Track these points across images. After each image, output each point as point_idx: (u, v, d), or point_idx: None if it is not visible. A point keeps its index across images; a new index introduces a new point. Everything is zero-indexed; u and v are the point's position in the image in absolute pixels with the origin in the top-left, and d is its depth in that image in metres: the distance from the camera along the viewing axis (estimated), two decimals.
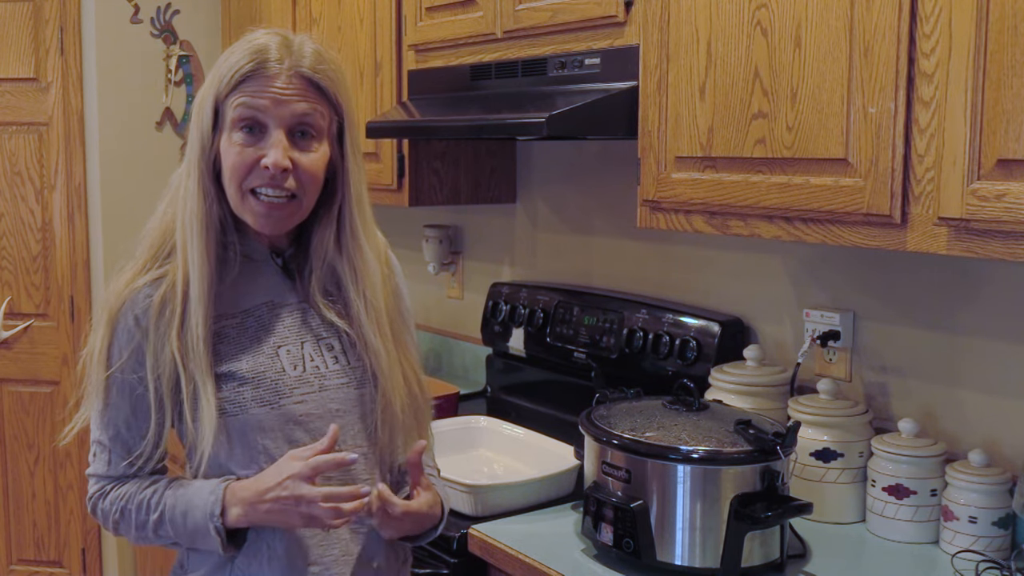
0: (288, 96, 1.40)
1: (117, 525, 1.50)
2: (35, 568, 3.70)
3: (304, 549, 1.47)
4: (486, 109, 2.23)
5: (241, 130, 1.41)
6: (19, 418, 3.64)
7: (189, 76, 3.65)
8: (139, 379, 1.45)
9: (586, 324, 2.48)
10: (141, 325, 1.44)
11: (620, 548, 1.69)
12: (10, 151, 3.53)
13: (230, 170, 1.42)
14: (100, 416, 1.48)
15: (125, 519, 1.49)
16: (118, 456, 1.48)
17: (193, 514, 1.44)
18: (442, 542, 1.91)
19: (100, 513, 1.51)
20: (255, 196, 1.42)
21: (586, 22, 2.05)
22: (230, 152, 1.41)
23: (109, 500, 1.49)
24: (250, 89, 1.40)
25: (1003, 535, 1.73)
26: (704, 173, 1.84)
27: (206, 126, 1.43)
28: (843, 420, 1.90)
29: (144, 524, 1.47)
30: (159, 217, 1.52)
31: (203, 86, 1.45)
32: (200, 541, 1.46)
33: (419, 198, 2.72)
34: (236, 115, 1.41)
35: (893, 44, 1.53)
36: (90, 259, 3.57)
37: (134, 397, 1.45)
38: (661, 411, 1.79)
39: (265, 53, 1.41)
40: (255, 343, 1.47)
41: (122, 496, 1.48)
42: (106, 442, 1.48)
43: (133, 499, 1.48)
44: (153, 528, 1.47)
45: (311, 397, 1.48)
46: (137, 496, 1.48)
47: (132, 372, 1.45)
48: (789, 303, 2.17)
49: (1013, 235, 1.41)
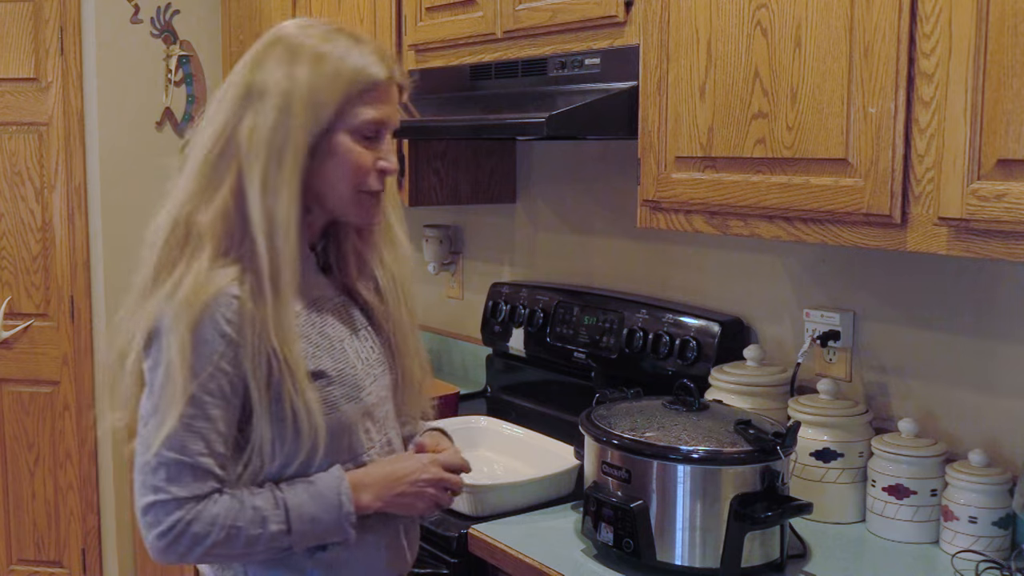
0: (396, 105, 1.49)
1: (214, 547, 1.35)
2: (35, 568, 3.70)
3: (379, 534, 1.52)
4: (486, 109, 2.23)
5: (365, 135, 1.44)
6: (19, 418, 3.64)
7: (189, 76, 3.65)
8: (235, 384, 1.36)
9: (586, 324, 2.48)
10: (233, 326, 1.35)
11: (620, 548, 1.69)
12: (10, 151, 3.53)
13: (352, 170, 1.44)
14: (182, 430, 1.33)
15: (232, 539, 1.36)
16: (205, 471, 1.35)
17: (321, 517, 1.41)
18: (442, 542, 1.91)
19: (188, 539, 1.34)
20: (367, 196, 1.47)
21: (586, 22, 2.05)
22: (351, 153, 1.43)
23: (204, 523, 1.34)
24: (377, 96, 1.44)
25: (1003, 535, 1.73)
26: (704, 173, 1.84)
27: (321, 124, 1.40)
28: (843, 420, 1.90)
29: (257, 539, 1.37)
30: (217, 207, 1.39)
31: (305, 76, 1.39)
32: (325, 540, 1.43)
33: (419, 198, 2.72)
34: (365, 122, 1.43)
35: (893, 44, 1.53)
36: (90, 259, 3.57)
37: (229, 404, 1.36)
38: (661, 411, 1.79)
39: (391, 63, 1.46)
40: (325, 339, 1.47)
41: (224, 515, 1.35)
42: (190, 458, 1.34)
43: (242, 515, 1.36)
44: (268, 540, 1.38)
45: (375, 387, 1.53)
46: (246, 511, 1.37)
47: (226, 377, 1.35)
48: (789, 303, 2.17)
49: (1013, 235, 1.41)
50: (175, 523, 1.34)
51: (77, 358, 3.61)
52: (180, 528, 1.34)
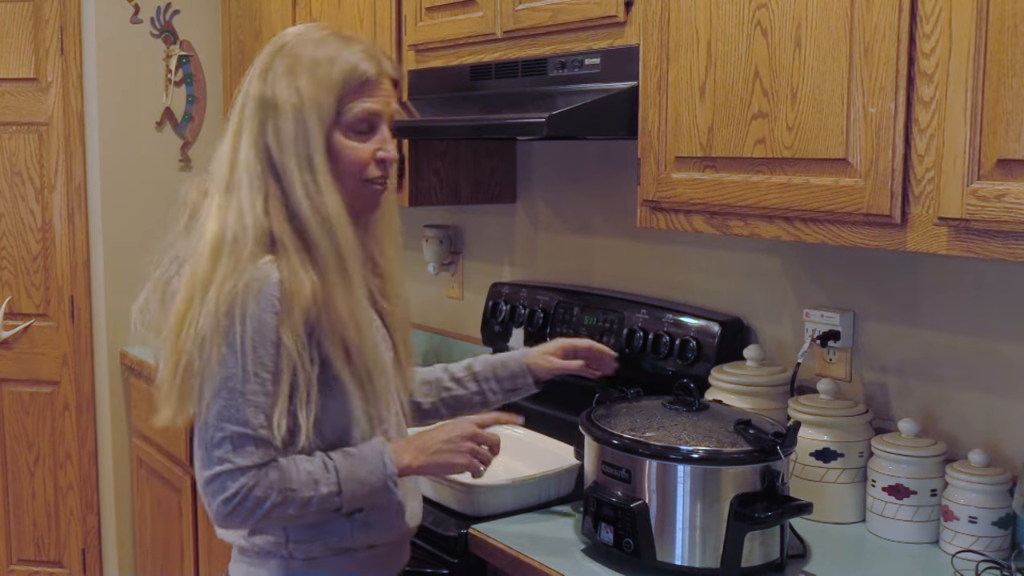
0: (389, 97, 1.58)
1: (272, 510, 1.48)
2: (35, 568, 3.70)
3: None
4: (486, 109, 2.23)
5: (360, 130, 1.55)
6: (19, 418, 3.64)
7: (189, 76, 3.66)
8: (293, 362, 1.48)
9: (586, 324, 2.48)
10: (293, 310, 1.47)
11: (620, 548, 1.69)
12: (10, 151, 3.54)
13: (354, 164, 1.55)
14: (244, 405, 1.46)
15: (288, 501, 1.48)
16: (265, 442, 1.47)
17: (368, 479, 1.53)
18: (442, 542, 1.91)
19: (250, 503, 1.47)
20: (372, 184, 1.58)
21: (586, 22, 2.05)
22: (347, 150, 1.55)
23: (264, 487, 1.47)
24: (368, 93, 1.55)
25: (1003, 535, 1.73)
26: (704, 173, 1.84)
27: (327, 124, 1.52)
28: (843, 420, 1.90)
29: (310, 500, 1.49)
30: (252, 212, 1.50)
31: (306, 86, 1.51)
32: (373, 501, 1.56)
33: (419, 198, 2.72)
34: (358, 116, 1.54)
35: (893, 44, 1.53)
36: (90, 259, 3.58)
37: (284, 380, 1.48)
38: (661, 411, 1.79)
39: (379, 59, 1.57)
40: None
41: (280, 480, 1.48)
42: (252, 430, 1.46)
43: (296, 479, 1.49)
44: (320, 501, 1.50)
45: (387, 363, 1.64)
46: (301, 475, 1.49)
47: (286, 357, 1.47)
48: (789, 303, 2.18)
49: (1013, 235, 1.41)
50: (239, 489, 1.46)
51: (77, 358, 3.61)
52: (243, 494, 1.47)
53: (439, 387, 1.90)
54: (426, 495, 2.02)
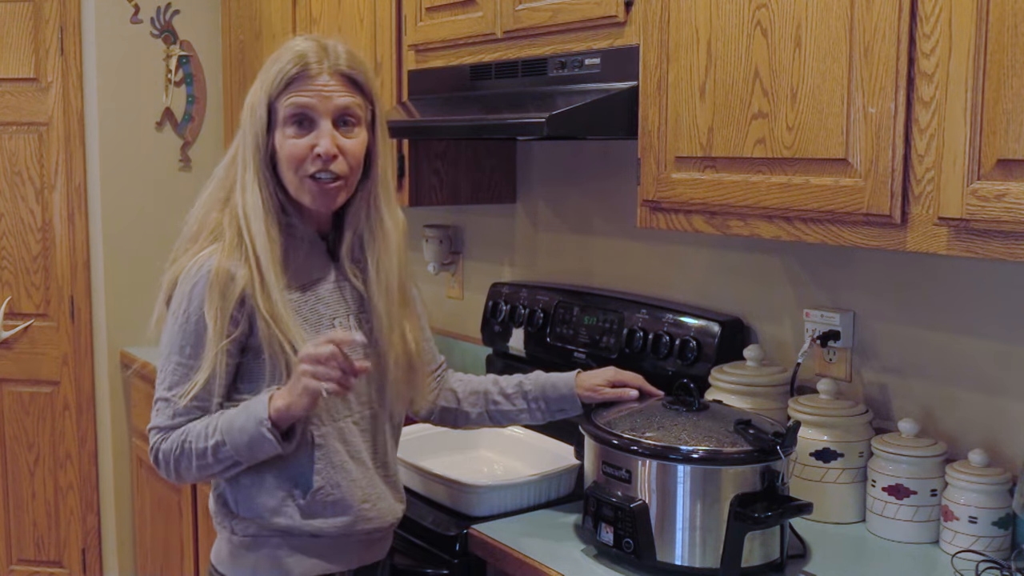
0: (330, 91, 1.63)
1: (178, 462, 1.62)
2: (35, 568, 3.70)
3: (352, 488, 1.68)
4: (486, 109, 2.23)
5: (293, 124, 1.63)
6: (19, 418, 3.64)
7: (189, 76, 3.66)
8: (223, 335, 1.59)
9: (586, 324, 2.48)
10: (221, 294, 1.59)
11: (620, 548, 1.69)
12: (10, 151, 3.54)
13: (288, 160, 1.63)
14: (173, 374, 1.63)
15: (185, 453, 1.61)
16: (187, 409, 1.62)
17: (246, 425, 1.57)
18: (442, 542, 1.91)
19: (162, 456, 1.63)
20: (312, 180, 1.63)
21: (586, 22, 2.05)
22: (286, 145, 1.63)
23: (170, 441, 1.62)
24: (297, 89, 1.62)
25: (1003, 535, 1.73)
26: (704, 173, 1.84)
27: (260, 125, 1.64)
28: (843, 420, 1.90)
29: (204, 452, 1.60)
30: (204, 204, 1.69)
31: (252, 91, 1.66)
32: (258, 449, 1.59)
33: (419, 198, 2.72)
34: (288, 112, 1.62)
35: (893, 44, 1.53)
36: (90, 259, 3.58)
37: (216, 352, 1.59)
38: (661, 411, 1.79)
39: (306, 57, 1.63)
40: (315, 315, 1.68)
41: (180, 434, 1.61)
42: (172, 397, 1.62)
43: (191, 432, 1.61)
44: (212, 452, 1.59)
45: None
46: (195, 429, 1.61)
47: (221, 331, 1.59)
48: (789, 303, 2.17)
49: (1013, 235, 1.41)
50: (154, 443, 1.65)
51: (77, 358, 3.61)
52: (157, 447, 1.64)
53: (487, 400, 1.94)
54: (426, 495, 2.02)
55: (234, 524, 1.69)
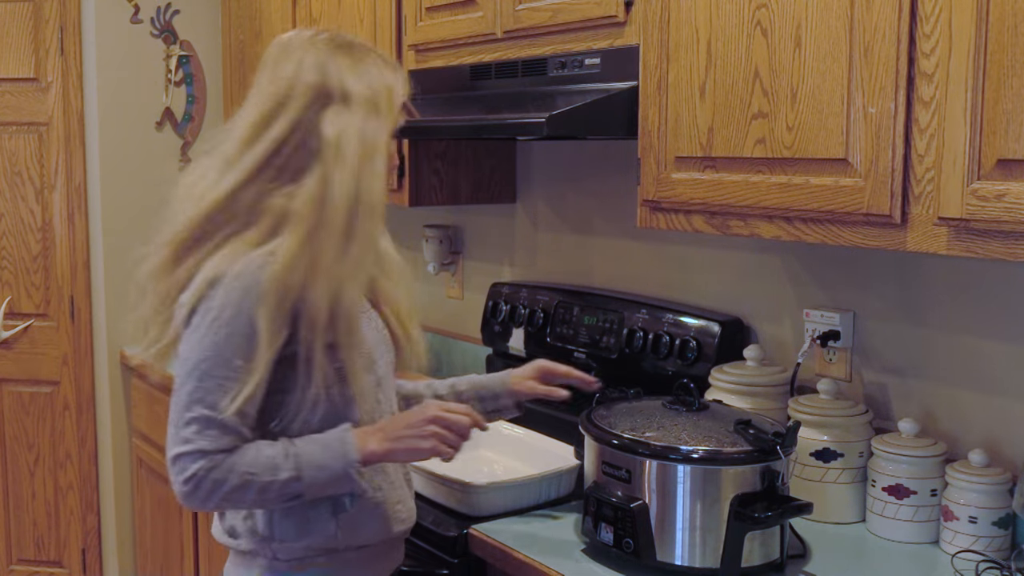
0: None
1: (232, 492, 1.48)
2: (35, 568, 3.70)
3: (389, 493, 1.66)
4: (486, 109, 2.23)
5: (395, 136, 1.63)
6: (19, 418, 3.64)
7: (189, 76, 3.65)
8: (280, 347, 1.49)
9: (586, 324, 2.48)
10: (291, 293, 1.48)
11: (620, 548, 1.69)
12: (10, 151, 3.54)
13: (390, 161, 1.61)
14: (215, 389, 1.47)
15: (247, 485, 1.48)
16: (231, 428, 1.48)
17: (327, 463, 1.52)
18: (442, 542, 1.91)
19: (208, 484, 1.48)
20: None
21: (586, 22, 2.05)
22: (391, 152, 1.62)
23: (224, 470, 1.48)
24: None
25: (1003, 535, 1.73)
26: (704, 173, 1.84)
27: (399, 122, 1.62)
28: (843, 420, 1.90)
29: (269, 486, 1.49)
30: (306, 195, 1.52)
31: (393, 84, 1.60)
32: (334, 487, 1.54)
33: (419, 198, 2.72)
34: (401, 124, 1.63)
35: (893, 44, 1.53)
36: (90, 259, 3.58)
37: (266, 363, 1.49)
38: (661, 411, 1.79)
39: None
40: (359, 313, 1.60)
41: (240, 464, 1.48)
42: (218, 415, 1.47)
43: (256, 463, 1.49)
44: (280, 487, 1.50)
45: (382, 361, 1.68)
46: (259, 461, 1.49)
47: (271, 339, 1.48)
48: (789, 303, 2.17)
49: (1013, 235, 1.41)
50: (198, 471, 1.47)
51: (77, 358, 3.61)
52: (202, 475, 1.47)
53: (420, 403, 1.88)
54: (426, 495, 2.02)
55: (276, 549, 1.59)
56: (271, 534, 1.58)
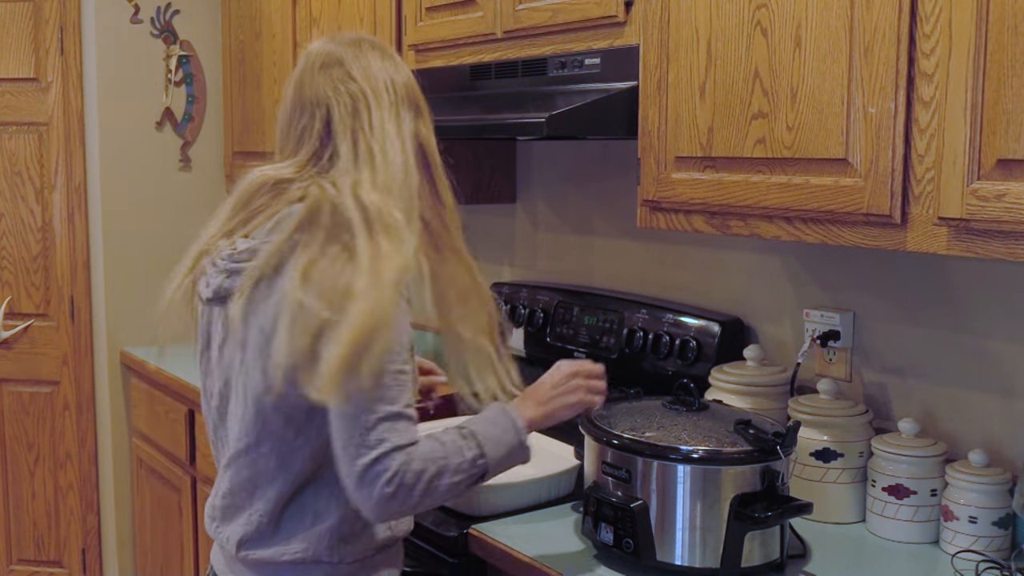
0: None
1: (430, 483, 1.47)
2: (35, 568, 3.70)
3: None
4: (486, 109, 2.23)
5: None
6: (19, 418, 3.64)
7: (189, 76, 3.65)
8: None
9: (586, 324, 2.48)
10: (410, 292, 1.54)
11: (620, 548, 1.69)
12: (10, 151, 3.54)
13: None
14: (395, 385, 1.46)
15: (443, 471, 1.48)
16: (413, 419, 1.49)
17: (503, 437, 1.57)
18: (442, 542, 1.91)
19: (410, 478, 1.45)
20: None
21: (586, 22, 2.05)
22: None
23: (420, 460, 1.46)
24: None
25: (1003, 535, 1.73)
26: (704, 173, 1.84)
27: None
28: (843, 420, 1.90)
29: (459, 467, 1.51)
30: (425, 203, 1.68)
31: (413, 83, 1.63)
32: (510, 461, 1.60)
33: None
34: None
35: (893, 44, 1.53)
36: (90, 259, 3.57)
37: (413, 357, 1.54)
38: (661, 411, 1.78)
39: None
40: None
41: (431, 450, 1.49)
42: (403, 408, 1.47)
43: (442, 448, 1.50)
44: (468, 467, 1.52)
45: None
46: (445, 445, 1.51)
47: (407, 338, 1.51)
48: (789, 303, 2.17)
49: (1013, 235, 1.41)
50: (399, 468, 1.43)
51: (77, 358, 3.61)
52: (403, 471, 1.44)
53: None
54: None
55: (344, 552, 1.55)
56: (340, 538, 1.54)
